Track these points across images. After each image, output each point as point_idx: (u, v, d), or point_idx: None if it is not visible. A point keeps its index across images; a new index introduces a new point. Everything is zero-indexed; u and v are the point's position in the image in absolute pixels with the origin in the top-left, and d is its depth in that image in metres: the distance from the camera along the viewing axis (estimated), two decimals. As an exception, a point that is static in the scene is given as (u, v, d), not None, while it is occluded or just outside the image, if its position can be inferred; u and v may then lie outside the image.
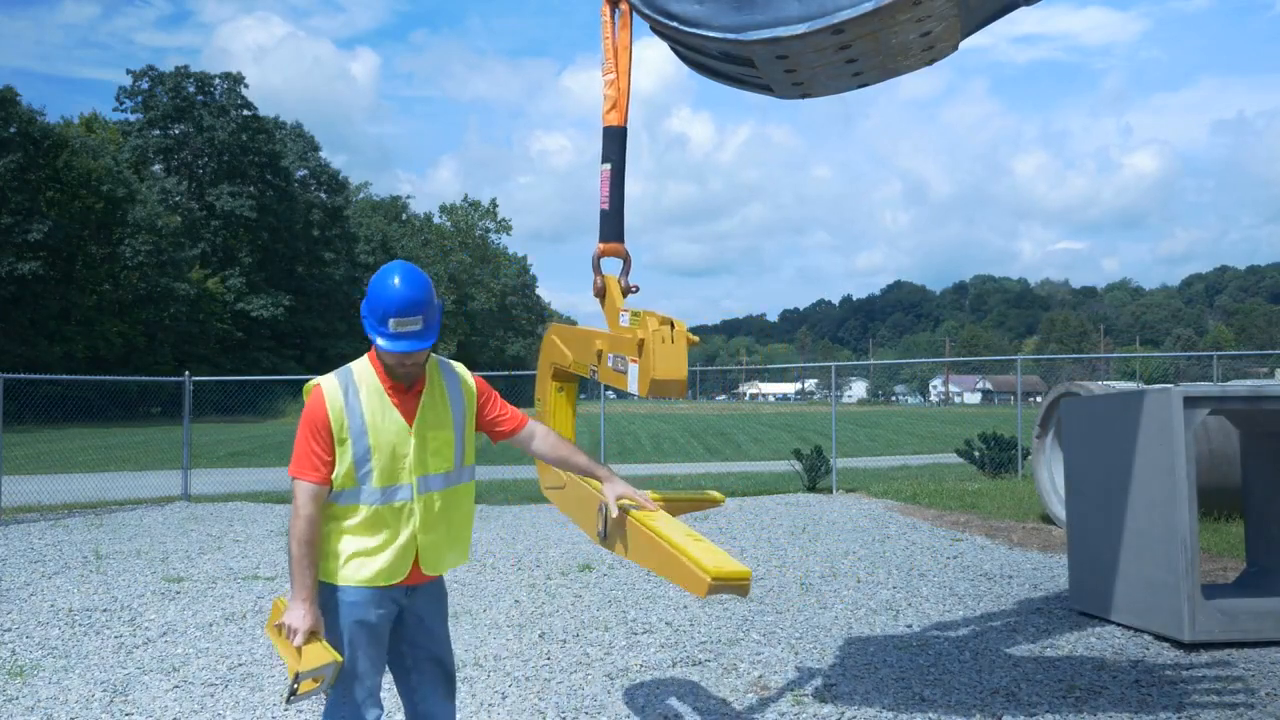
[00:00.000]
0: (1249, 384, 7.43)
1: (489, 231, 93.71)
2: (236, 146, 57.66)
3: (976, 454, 15.07)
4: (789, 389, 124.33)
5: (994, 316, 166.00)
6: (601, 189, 4.12)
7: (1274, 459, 6.06)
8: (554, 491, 4.19)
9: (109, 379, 30.49)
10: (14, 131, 42.75)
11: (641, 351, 3.43)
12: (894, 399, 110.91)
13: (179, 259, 50.62)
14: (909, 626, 5.98)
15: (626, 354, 3.56)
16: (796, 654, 5.38)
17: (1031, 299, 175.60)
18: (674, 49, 4.09)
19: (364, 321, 2.88)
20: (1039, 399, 15.52)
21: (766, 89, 4.03)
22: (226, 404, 32.62)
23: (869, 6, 3.16)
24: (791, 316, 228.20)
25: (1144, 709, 4.39)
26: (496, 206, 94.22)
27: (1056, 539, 9.07)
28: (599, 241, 4.13)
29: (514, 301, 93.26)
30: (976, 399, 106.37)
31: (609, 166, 4.11)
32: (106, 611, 6.65)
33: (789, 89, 3.96)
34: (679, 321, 3.50)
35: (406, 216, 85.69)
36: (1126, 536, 5.70)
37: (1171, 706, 4.41)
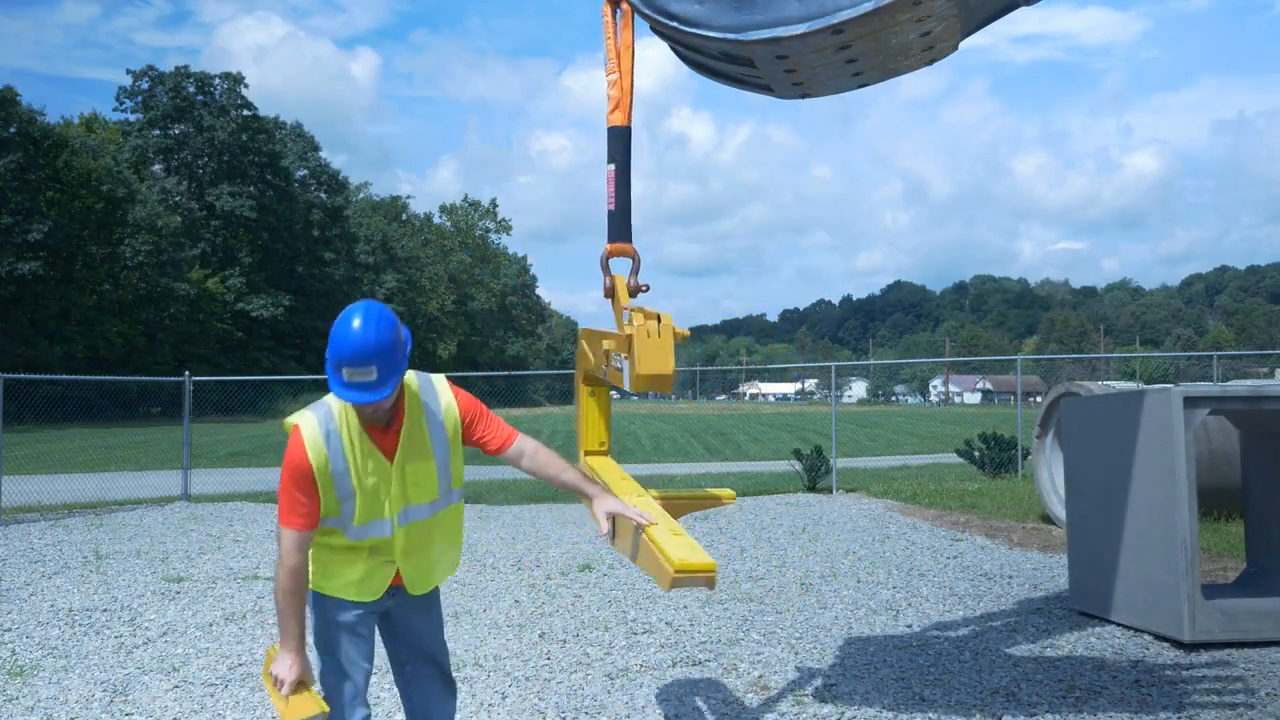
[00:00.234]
0: (1249, 384, 7.43)
1: (489, 231, 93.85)
2: (236, 146, 57.68)
3: (976, 454, 15.07)
4: (789, 389, 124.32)
5: (994, 316, 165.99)
6: (608, 189, 4.13)
7: (1274, 459, 6.06)
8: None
9: (109, 379, 30.49)
10: (14, 131, 42.75)
11: (630, 347, 3.43)
12: (894, 399, 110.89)
13: (179, 259, 50.63)
14: (909, 626, 5.98)
15: (623, 352, 3.57)
16: (796, 654, 5.38)
17: (1031, 299, 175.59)
18: (674, 49, 4.09)
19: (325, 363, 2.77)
20: (1039, 399, 15.53)
21: (766, 89, 4.03)
22: (226, 404, 32.62)
23: (869, 6, 3.15)
24: (791, 316, 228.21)
25: (1144, 709, 4.39)
26: (496, 206, 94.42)
27: (1056, 539, 9.07)
28: (607, 242, 4.13)
29: (514, 301, 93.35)
30: (976, 399, 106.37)
31: (614, 167, 4.11)
32: (106, 611, 6.66)
33: (789, 89, 3.96)
34: (665, 315, 3.49)
35: (406, 216, 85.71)
36: (1126, 536, 5.71)
37: (1171, 706, 4.41)
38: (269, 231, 58.74)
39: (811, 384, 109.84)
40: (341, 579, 2.91)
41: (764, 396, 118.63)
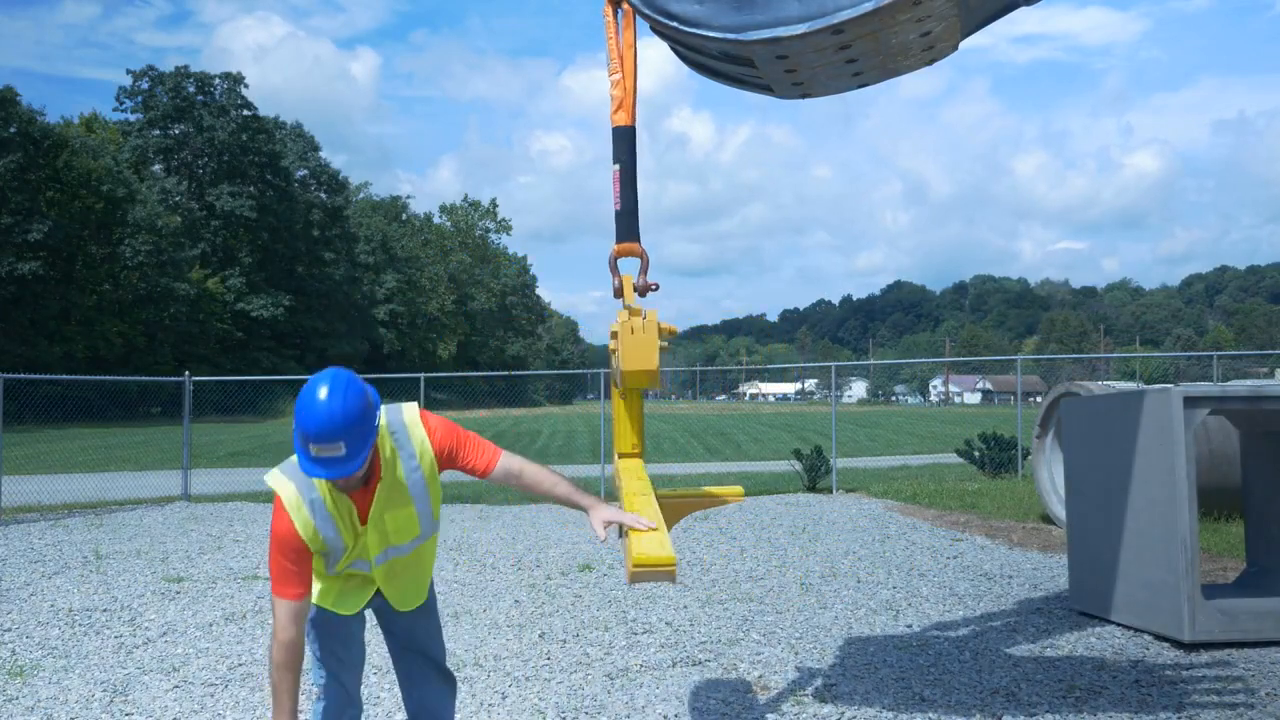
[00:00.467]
0: (1249, 384, 7.42)
1: (489, 231, 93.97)
2: (236, 146, 57.71)
3: (976, 454, 15.07)
4: (789, 389, 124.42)
5: (994, 316, 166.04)
6: (614, 190, 4.13)
7: (1274, 459, 6.06)
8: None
9: (109, 379, 30.46)
10: (14, 131, 42.79)
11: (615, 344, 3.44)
12: (894, 399, 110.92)
13: (179, 259, 50.66)
14: (909, 626, 5.98)
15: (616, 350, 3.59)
16: (796, 654, 5.38)
17: (1031, 299, 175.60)
18: (674, 49, 4.09)
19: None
20: (1039, 399, 15.53)
21: (766, 89, 4.03)
22: (226, 404, 32.67)
23: (869, 6, 3.16)
24: (791, 316, 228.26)
25: (1144, 709, 4.39)
26: (496, 206, 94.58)
27: (1056, 539, 9.07)
28: (615, 242, 4.13)
29: (514, 301, 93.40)
30: (976, 399, 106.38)
31: (619, 167, 4.12)
32: (106, 611, 6.66)
33: (789, 89, 3.96)
34: (651, 312, 3.49)
35: (406, 216, 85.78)
36: (1126, 536, 5.70)
37: (1171, 706, 4.41)
38: (269, 231, 58.77)
39: (811, 384, 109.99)
40: (320, 591, 2.97)
41: (764, 396, 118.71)
